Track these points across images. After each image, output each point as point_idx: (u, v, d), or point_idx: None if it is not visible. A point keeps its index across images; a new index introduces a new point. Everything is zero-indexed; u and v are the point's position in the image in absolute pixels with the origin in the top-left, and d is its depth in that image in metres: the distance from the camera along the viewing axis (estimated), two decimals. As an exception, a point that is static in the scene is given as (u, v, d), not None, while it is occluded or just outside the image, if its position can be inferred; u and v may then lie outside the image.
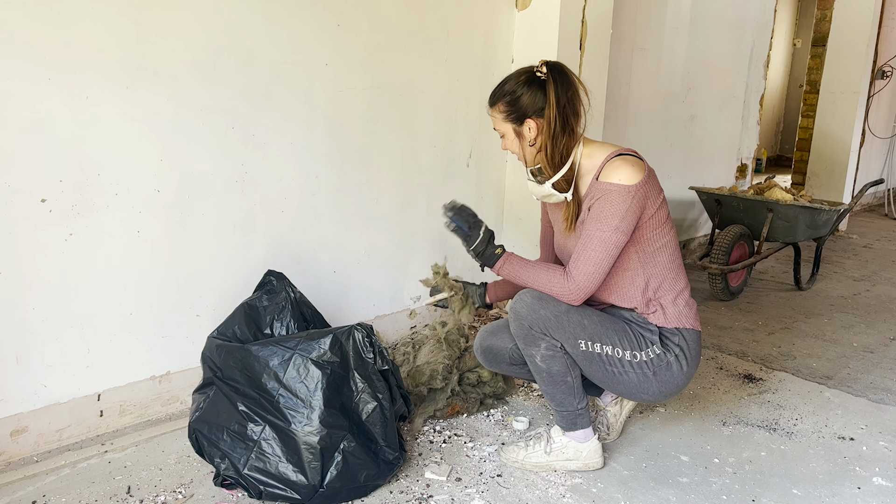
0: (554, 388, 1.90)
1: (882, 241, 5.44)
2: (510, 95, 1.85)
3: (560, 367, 1.87)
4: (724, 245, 3.62)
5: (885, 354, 2.98)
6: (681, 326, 1.89)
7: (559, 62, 1.88)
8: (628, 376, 1.87)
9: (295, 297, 2.08)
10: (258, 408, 1.79)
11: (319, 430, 1.75)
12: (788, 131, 9.95)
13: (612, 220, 1.77)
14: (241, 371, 1.82)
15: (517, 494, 1.87)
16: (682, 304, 1.91)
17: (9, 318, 1.87)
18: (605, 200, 1.79)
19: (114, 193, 1.99)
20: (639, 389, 1.90)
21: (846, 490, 1.94)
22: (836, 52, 5.63)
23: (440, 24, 2.78)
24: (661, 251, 1.88)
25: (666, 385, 1.89)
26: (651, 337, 1.87)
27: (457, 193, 3.02)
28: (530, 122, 1.84)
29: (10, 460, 1.92)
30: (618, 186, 1.78)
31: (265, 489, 1.74)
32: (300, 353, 1.81)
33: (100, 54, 1.90)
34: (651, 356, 1.86)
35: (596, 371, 1.89)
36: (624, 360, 1.85)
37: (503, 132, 1.91)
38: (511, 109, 1.86)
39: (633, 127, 3.99)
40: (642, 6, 3.82)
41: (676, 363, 1.87)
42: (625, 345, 1.85)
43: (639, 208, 1.80)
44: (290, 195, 2.41)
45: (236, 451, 1.77)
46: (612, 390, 1.96)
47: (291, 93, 2.34)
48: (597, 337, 1.85)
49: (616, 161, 1.82)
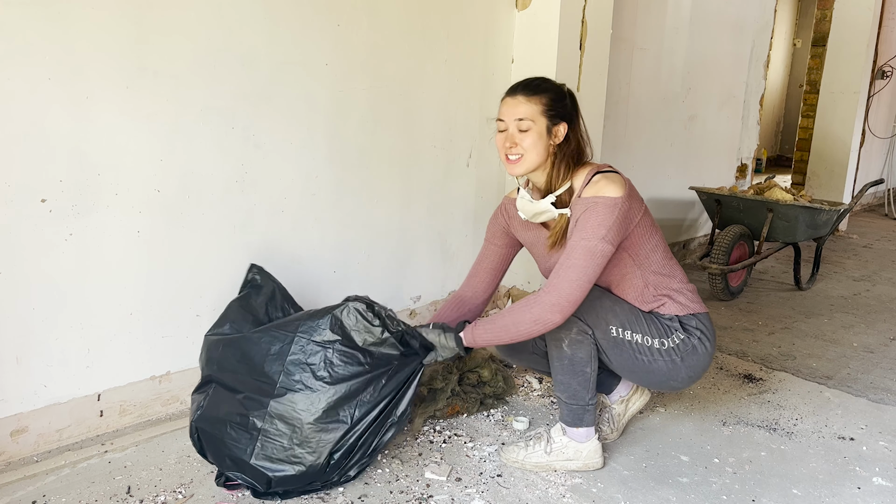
0: (571, 378, 1.91)
1: (882, 241, 5.45)
2: (556, 93, 1.89)
3: (584, 354, 1.89)
4: (724, 245, 3.62)
5: (885, 354, 2.98)
6: (694, 311, 1.95)
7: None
8: (657, 364, 1.91)
9: (278, 286, 2.08)
10: (260, 394, 1.78)
11: (326, 407, 1.75)
12: (788, 131, 9.96)
13: (600, 230, 1.78)
14: (241, 361, 1.82)
15: (517, 494, 1.87)
16: (686, 291, 1.97)
17: (9, 318, 1.87)
18: (592, 212, 1.80)
19: (114, 193, 1.99)
20: (668, 377, 1.94)
21: (846, 490, 1.94)
22: (836, 52, 5.63)
23: (440, 24, 2.78)
24: (653, 251, 1.93)
25: (693, 369, 1.94)
26: (672, 325, 1.92)
27: (457, 193, 3.02)
28: (563, 126, 1.88)
29: (10, 460, 1.92)
30: (604, 199, 1.80)
31: (274, 475, 1.74)
32: (301, 335, 1.80)
33: (100, 54, 1.89)
34: (677, 342, 1.91)
35: (625, 360, 1.91)
36: (653, 347, 1.89)
37: (530, 125, 1.85)
38: (554, 105, 1.88)
39: (633, 127, 3.99)
40: (642, 6, 3.82)
41: (700, 345, 1.92)
42: (653, 332, 1.90)
43: (625, 220, 1.82)
44: (290, 195, 2.41)
45: (241, 442, 1.76)
46: (640, 381, 1.99)
47: (291, 93, 2.34)
48: (627, 324, 1.89)
49: (598, 178, 1.86)
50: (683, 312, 1.94)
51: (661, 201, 4.34)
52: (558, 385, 1.96)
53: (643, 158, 4.14)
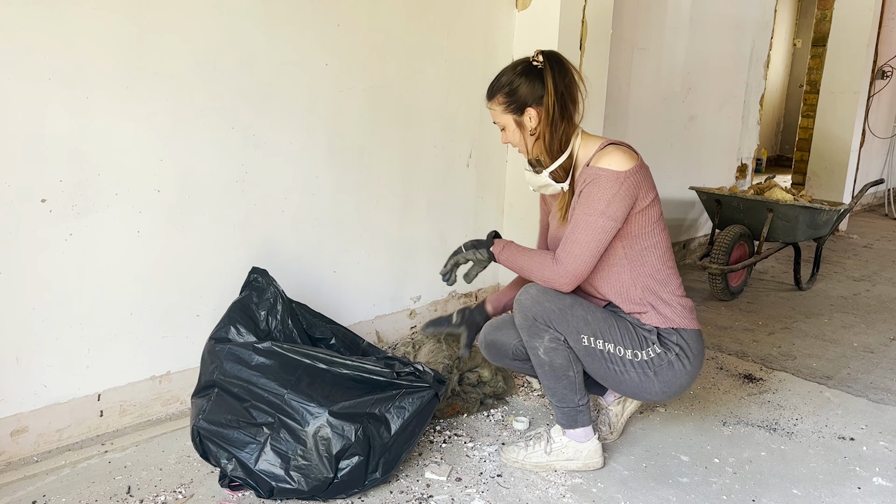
0: (556, 383, 1.91)
1: (882, 241, 5.44)
2: (508, 86, 1.87)
3: (562, 360, 1.87)
4: (724, 245, 3.62)
5: (885, 354, 2.98)
6: (677, 326, 1.88)
7: (555, 51, 1.90)
8: (629, 375, 1.87)
9: (280, 291, 2.09)
10: (267, 405, 1.80)
11: (330, 422, 1.75)
12: (788, 131, 9.95)
13: (599, 204, 1.78)
14: (249, 370, 1.83)
15: (517, 494, 1.87)
16: (676, 304, 1.90)
17: (9, 318, 1.87)
18: (594, 185, 1.80)
19: (114, 193, 1.99)
20: (641, 389, 1.90)
21: (846, 490, 1.94)
22: (836, 52, 5.62)
23: (440, 24, 2.78)
24: (650, 251, 1.88)
25: (669, 385, 1.89)
26: (650, 337, 1.87)
27: (457, 193, 3.02)
28: (531, 110, 1.86)
29: (10, 460, 1.92)
30: (606, 171, 1.79)
31: (277, 485, 1.74)
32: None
33: (100, 54, 1.90)
34: (651, 356, 1.86)
35: (598, 368, 1.89)
36: (625, 358, 1.86)
37: (503, 124, 1.92)
38: (510, 100, 1.87)
39: (633, 127, 3.99)
40: (642, 6, 3.81)
41: (678, 362, 1.87)
42: (626, 343, 1.86)
43: (628, 196, 1.80)
44: (290, 195, 2.41)
45: (246, 449, 1.77)
46: (615, 389, 1.96)
47: (291, 93, 2.34)
48: (599, 333, 1.85)
49: (608, 148, 1.84)
50: (664, 325, 1.87)
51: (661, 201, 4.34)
52: (546, 390, 1.95)
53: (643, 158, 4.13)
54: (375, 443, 1.78)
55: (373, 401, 1.80)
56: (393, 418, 1.80)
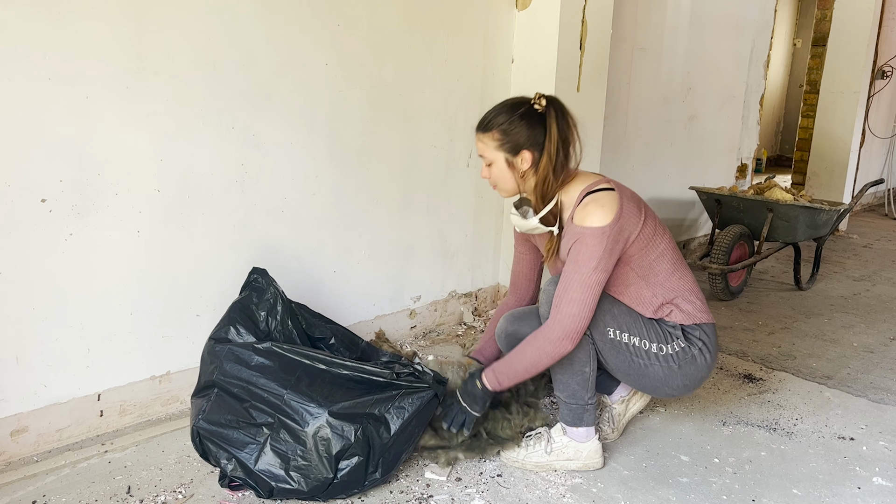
0: (570, 378, 1.92)
1: (882, 241, 5.44)
2: (507, 124, 1.85)
3: (583, 354, 1.89)
4: (724, 245, 3.62)
5: (885, 354, 2.98)
6: (699, 321, 1.93)
7: (555, 96, 1.90)
8: (653, 369, 1.90)
9: (279, 291, 2.09)
10: (267, 406, 1.80)
11: (330, 422, 1.76)
12: (788, 131, 9.95)
13: (591, 262, 1.79)
14: (249, 370, 1.83)
15: (517, 494, 1.87)
16: (695, 300, 1.96)
17: (9, 318, 1.87)
18: (581, 244, 1.80)
19: (114, 193, 1.99)
20: (663, 383, 1.93)
21: (846, 490, 1.94)
22: (836, 52, 5.62)
23: (440, 24, 2.78)
24: (658, 261, 1.91)
25: (690, 378, 1.93)
26: (674, 332, 1.91)
27: (456, 193, 3.02)
28: (525, 153, 1.85)
29: (10, 460, 1.92)
30: (591, 230, 1.79)
31: (276, 485, 1.75)
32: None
33: (100, 54, 1.90)
34: (676, 349, 1.90)
35: (621, 363, 1.91)
36: (650, 352, 1.89)
37: (491, 160, 1.90)
38: (506, 139, 1.85)
39: (633, 127, 4.00)
40: (642, 6, 3.82)
41: (700, 356, 1.92)
42: (651, 337, 1.89)
43: (616, 245, 1.82)
44: (290, 195, 2.41)
45: (246, 449, 1.77)
46: (635, 384, 1.98)
47: (291, 93, 2.34)
48: (625, 327, 1.88)
49: (588, 200, 1.82)
50: (688, 322, 1.93)
51: (661, 201, 4.35)
52: (558, 384, 1.96)
53: (643, 158, 4.14)
54: (375, 443, 1.79)
55: (372, 401, 1.81)
56: (392, 419, 1.80)
